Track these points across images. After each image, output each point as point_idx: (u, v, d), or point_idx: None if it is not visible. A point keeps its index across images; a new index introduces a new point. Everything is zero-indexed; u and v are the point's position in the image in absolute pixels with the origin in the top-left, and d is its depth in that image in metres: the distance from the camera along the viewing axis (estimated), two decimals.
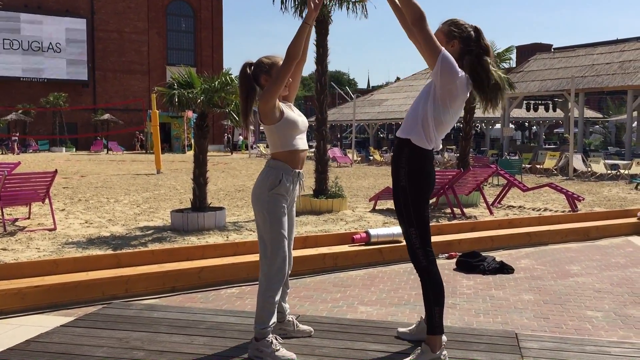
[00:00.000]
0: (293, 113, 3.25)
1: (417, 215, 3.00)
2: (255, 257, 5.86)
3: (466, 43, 3.04)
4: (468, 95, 3.10)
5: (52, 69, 47.22)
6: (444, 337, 3.17)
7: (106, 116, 44.83)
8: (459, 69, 2.96)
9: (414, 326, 3.39)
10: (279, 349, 3.04)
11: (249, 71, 3.28)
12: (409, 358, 2.98)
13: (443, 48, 2.93)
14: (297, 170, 3.24)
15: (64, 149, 42.45)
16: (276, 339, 3.08)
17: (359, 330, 3.53)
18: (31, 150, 40.91)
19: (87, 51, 48.59)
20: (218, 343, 3.29)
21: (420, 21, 2.89)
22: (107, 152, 40.51)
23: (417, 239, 3.01)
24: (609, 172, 19.51)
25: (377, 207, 11.58)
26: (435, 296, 3.02)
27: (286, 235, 3.14)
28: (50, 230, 8.74)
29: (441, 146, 3.10)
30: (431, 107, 2.98)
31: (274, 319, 3.11)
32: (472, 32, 3.06)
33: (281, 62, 3.15)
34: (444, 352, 2.98)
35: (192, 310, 3.86)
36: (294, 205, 3.32)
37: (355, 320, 3.77)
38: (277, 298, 3.11)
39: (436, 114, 2.98)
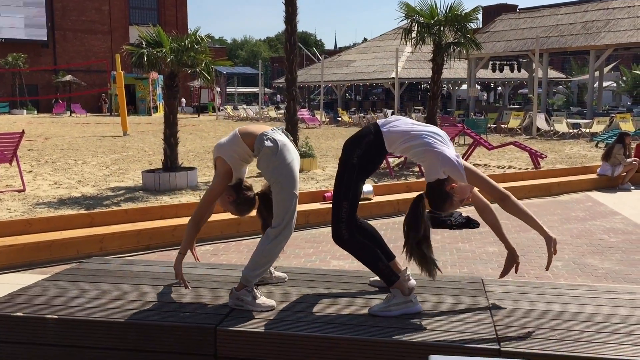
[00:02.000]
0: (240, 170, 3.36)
1: (355, 191, 3.15)
2: (228, 215, 5.95)
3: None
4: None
5: (9, 28, 45.59)
6: (413, 282, 3.34)
7: (68, 77, 43.69)
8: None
9: None
10: (259, 297, 3.17)
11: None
12: (382, 302, 3.16)
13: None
14: (272, 129, 3.33)
15: (24, 111, 41.40)
16: (256, 288, 3.21)
17: (334, 279, 3.69)
18: None
19: (46, 10, 46.98)
20: (200, 293, 3.41)
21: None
22: (70, 115, 39.65)
23: (346, 212, 3.13)
24: (570, 131, 20.00)
25: None
26: (369, 255, 3.17)
27: (293, 195, 3.22)
28: (19, 191, 8.67)
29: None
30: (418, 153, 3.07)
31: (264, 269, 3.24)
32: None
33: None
34: (414, 295, 3.16)
35: (171, 264, 3.95)
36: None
37: (331, 270, 3.92)
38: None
39: (403, 146, 3.10)
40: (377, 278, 3.59)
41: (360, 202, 3.29)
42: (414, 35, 12.51)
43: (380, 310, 3.10)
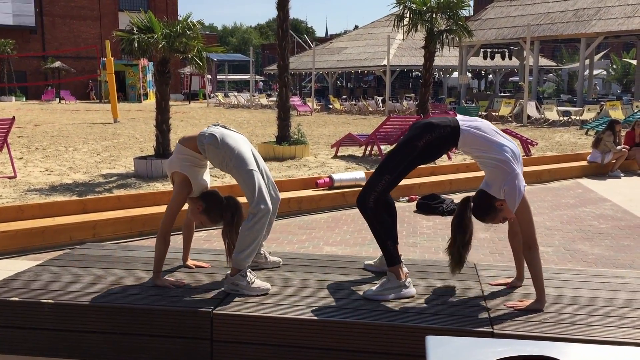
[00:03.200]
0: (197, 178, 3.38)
1: (404, 171, 3.13)
2: None
3: None
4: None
5: None
6: (405, 269, 3.38)
7: (57, 64, 43.27)
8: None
9: (377, 259, 3.59)
10: (254, 281, 3.20)
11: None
12: (376, 286, 3.19)
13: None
14: (208, 126, 3.39)
15: (13, 98, 40.99)
16: (250, 272, 3.23)
17: (328, 264, 3.71)
18: None
19: None
20: (195, 278, 3.43)
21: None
22: (60, 102, 39.33)
23: (382, 185, 3.12)
24: (561, 118, 20.10)
25: (338, 154, 11.75)
26: (385, 230, 3.17)
27: (255, 174, 3.22)
28: (10, 178, 8.62)
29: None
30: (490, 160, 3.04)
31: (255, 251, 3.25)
32: None
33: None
34: (408, 279, 3.19)
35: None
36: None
37: (325, 256, 3.95)
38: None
39: (477, 153, 3.08)
40: (371, 262, 3.62)
41: (355, 189, 3.31)
42: (406, 22, 12.50)
43: (375, 294, 3.13)
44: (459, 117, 3.16)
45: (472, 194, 3.18)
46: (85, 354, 3.05)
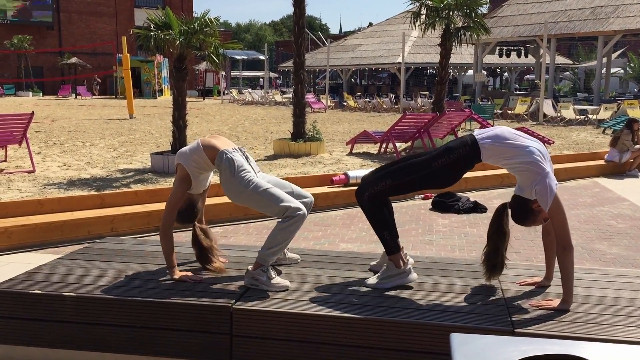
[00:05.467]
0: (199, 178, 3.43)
1: (408, 184, 3.13)
2: None
3: None
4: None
5: (14, 10, 45.42)
6: (411, 260, 3.37)
7: (73, 60, 43.62)
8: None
9: (380, 258, 3.59)
10: (274, 277, 3.21)
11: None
12: (376, 275, 3.24)
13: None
14: (233, 147, 3.37)
15: (30, 93, 41.38)
16: (271, 268, 3.25)
17: (346, 261, 3.72)
18: None
19: None
20: (213, 272, 3.45)
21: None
22: (76, 97, 39.64)
23: (381, 188, 3.13)
24: (577, 117, 19.93)
25: (353, 151, 11.75)
26: (381, 221, 3.19)
27: (275, 190, 3.23)
28: (29, 172, 8.72)
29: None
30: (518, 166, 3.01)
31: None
32: None
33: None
34: (409, 266, 3.22)
35: (184, 244, 4.00)
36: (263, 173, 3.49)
37: (342, 252, 3.95)
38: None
39: (504, 161, 3.06)
40: (374, 263, 3.61)
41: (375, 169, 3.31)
42: (422, 19, 12.45)
43: (375, 283, 3.21)
44: (476, 131, 3.16)
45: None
46: (106, 347, 3.09)
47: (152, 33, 8.51)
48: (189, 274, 3.37)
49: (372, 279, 3.24)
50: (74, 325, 3.09)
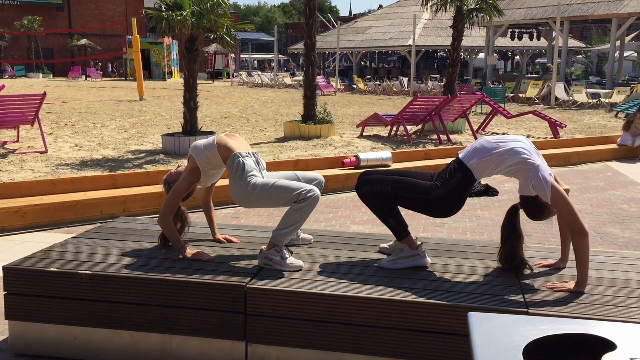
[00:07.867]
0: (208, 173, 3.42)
1: (402, 198, 3.16)
2: None
3: None
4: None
5: None
6: (420, 242, 3.38)
7: (83, 41, 43.66)
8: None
9: (392, 242, 3.58)
10: (287, 257, 3.22)
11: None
12: (390, 257, 3.24)
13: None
14: (247, 151, 3.35)
15: (40, 74, 41.49)
16: (285, 248, 3.25)
17: (359, 242, 3.72)
18: (7, 76, 39.94)
19: None
20: (228, 252, 3.46)
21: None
22: (86, 79, 39.70)
23: (380, 192, 3.16)
24: (590, 100, 19.76)
25: (364, 133, 11.71)
26: (382, 210, 3.20)
27: (283, 181, 3.23)
28: (41, 152, 8.76)
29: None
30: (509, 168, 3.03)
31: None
32: None
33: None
34: (422, 249, 3.23)
35: (197, 224, 4.01)
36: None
37: (355, 234, 3.95)
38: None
39: (496, 171, 3.07)
40: (385, 245, 3.60)
41: (378, 169, 3.32)
42: (434, 0, 12.33)
43: (389, 264, 3.23)
44: (460, 153, 3.17)
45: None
46: (121, 325, 3.11)
47: (163, 14, 8.47)
48: (200, 251, 3.39)
49: (386, 260, 3.26)
50: (89, 303, 3.12)
